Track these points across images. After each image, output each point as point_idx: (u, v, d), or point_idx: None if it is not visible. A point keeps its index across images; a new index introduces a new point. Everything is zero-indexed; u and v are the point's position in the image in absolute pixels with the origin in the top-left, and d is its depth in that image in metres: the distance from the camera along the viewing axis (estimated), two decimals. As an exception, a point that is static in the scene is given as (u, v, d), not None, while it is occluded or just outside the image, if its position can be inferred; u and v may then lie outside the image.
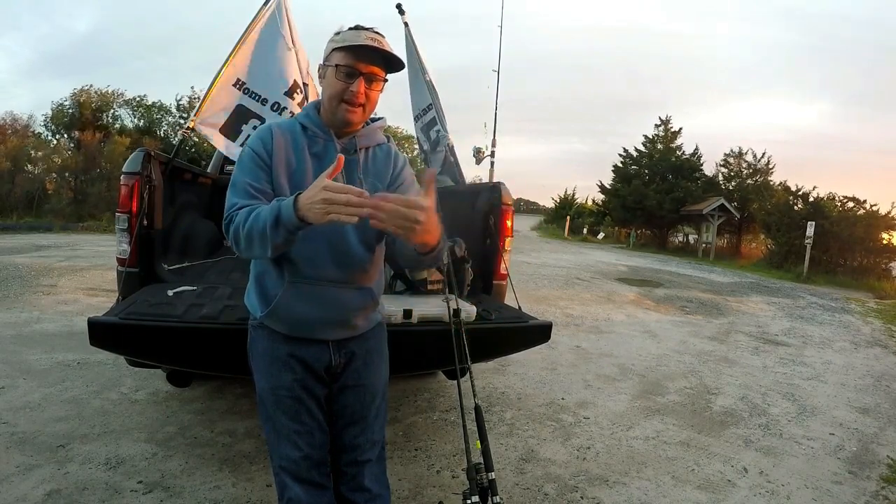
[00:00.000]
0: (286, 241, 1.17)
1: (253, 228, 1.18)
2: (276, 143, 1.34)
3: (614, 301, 7.73)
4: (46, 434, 2.57)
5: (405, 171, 1.47)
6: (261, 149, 1.34)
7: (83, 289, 6.29)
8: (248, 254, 1.26)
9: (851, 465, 2.87)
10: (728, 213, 19.92)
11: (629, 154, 25.07)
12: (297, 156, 1.35)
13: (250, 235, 1.19)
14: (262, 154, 1.33)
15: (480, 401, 1.95)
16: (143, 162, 2.45)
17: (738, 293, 9.67)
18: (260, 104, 3.17)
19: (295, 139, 1.37)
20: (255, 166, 1.33)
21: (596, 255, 16.34)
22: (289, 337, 1.37)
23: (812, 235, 13.15)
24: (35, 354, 3.77)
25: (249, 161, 1.34)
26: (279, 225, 1.13)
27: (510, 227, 2.86)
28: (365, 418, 1.46)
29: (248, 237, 1.20)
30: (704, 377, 4.32)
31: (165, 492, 2.16)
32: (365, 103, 1.34)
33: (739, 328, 6.46)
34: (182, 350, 2.05)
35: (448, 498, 2.24)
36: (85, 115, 21.56)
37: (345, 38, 1.32)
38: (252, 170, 1.33)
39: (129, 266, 2.43)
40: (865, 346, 6.00)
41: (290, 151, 1.35)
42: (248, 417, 2.88)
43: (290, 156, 1.35)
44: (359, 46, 1.29)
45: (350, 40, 1.30)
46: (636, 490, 2.45)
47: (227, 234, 1.28)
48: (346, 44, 1.30)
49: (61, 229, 14.96)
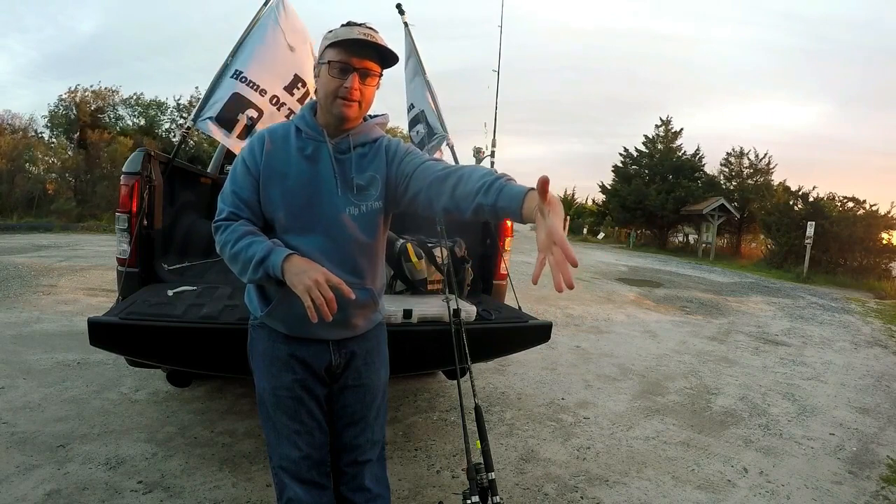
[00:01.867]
0: (262, 281, 1.30)
1: (240, 254, 1.27)
2: (266, 151, 1.35)
3: (614, 301, 7.73)
4: (46, 434, 2.57)
5: (399, 147, 1.41)
6: (251, 158, 1.36)
7: (83, 289, 6.29)
8: (229, 264, 1.33)
9: (851, 465, 2.87)
10: (728, 213, 19.94)
11: (629, 154, 25.09)
12: (289, 161, 1.35)
13: (236, 257, 1.28)
14: (251, 164, 1.36)
15: (480, 401, 1.95)
16: (143, 162, 2.45)
17: (738, 293, 9.67)
18: (258, 94, 3.12)
19: (287, 144, 1.36)
20: (244, 176, 1.36)
21: (596, 255, 16.34)
22: (289, 337, 1.37)
23: (812, 235, 13.16)
24: (35, 354, 3.77)
25: (240, 170, 1.37)
26: (260, 267, 1.24)
27: (510, 227, 2.86)
28: (365, 418, 1.46)
29: (234, 257, 1.29)
30: (704, 377, 4.32)
31: (165, 492, 2.16)
32: (360, 99, 1.33)
33: (739, 328, 6.46)
34: (182, 350, 2.05)
35: (448, 498, 2.24)
36: (84, 116, 21.54)
37: (337, 35, 1.30)
38: (241, 180, 1.36)
39: (129, 266, 2.43)
40: (865, 346, 6.00)
41: (280, 158, 1.35)
42: (248, 417, 2.88)
43: (281, 163, 1.35)
44: (351, 41, 1.28)
45: (343, 35, 1.29)
46: (636, 490, 2.45)
47: (215, 237, 1.34)
48: (338, 39, 1.29)
49: (61, 229, 14.96)
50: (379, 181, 1.38)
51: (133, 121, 24.02)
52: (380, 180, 1.38)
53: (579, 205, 34.97)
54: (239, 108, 3.06)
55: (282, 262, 1.21)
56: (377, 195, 1.37)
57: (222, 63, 3.12)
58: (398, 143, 1.43)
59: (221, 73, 3.09)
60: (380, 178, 1.38)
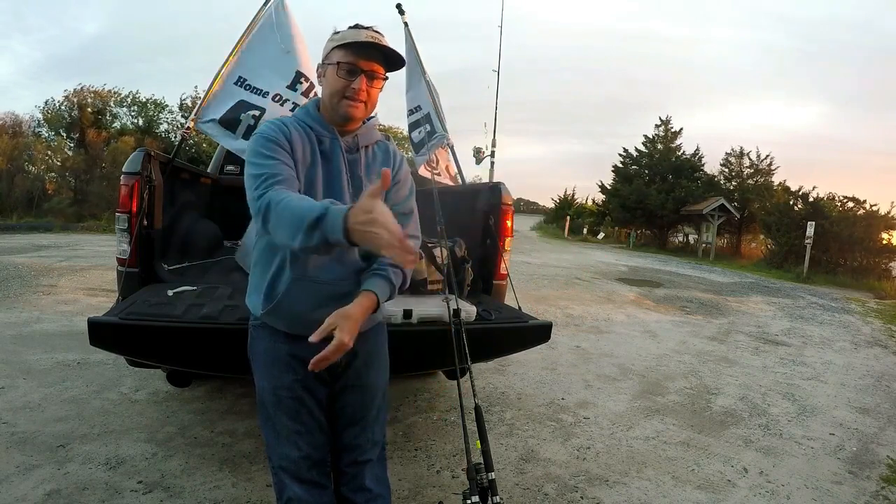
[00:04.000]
0: (316, 249, 1.06)
1: (288, 211, 1.08)
2: (293, 136, 1.31)
3: (614, 301, 7.73)
4: (46, 434, 2.57)
5: (402, 168, 1.47)
6: (280, 136, 1.28)
7: (83, 289, 6.29)
8: (275, 232, 1.13)
9: (851, 465, 2.87)
10: (728, 213, 19.93)
11: (629, 154, 25.08)
12: (311, 151, 1.35)
13: (281, 217, 1.10)
14: (281, 141, 1.28)
15: (480, 401, 1.95)
16: (143, 162, 2.45)
17: (737, 293, 9.67)
18: (261, 97, 3.16)
19: (305, 135, 1.35)
20: (274, 150, 1.26)
21: (596, 256, 16.34)
22: (290, 336, 1.37)
23: (812, 235, 13.15)
24: (35, 354, 3.77)
25: (270, 146, 1.26)
26: (317, 228, 1.02)
27: (510, 228, 2.86)
28: (365, 418, 1.46)
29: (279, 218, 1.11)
30: (704, 377, 4.32)
31: (165, 492, 2.16)
32: (366, 100, 1.34)
33: (739, 328, 6.46)
34: (182, 350, 2.05)
35: (448, 498, 2.24)
36: (85, 116, 21.54)
37: (345, 36, 1.32)
38: (273, 152, 1.25)
39: (129, 266, 2.43)
40: (865, 346, 6.00)
41: (305, 147, 1.33)
42: (248, 417, 2.88)
43: (306, 152, 1.33)
44: (360, 43, 1.30)
45: (350, 38, 1.31)
46: (636, 490, 2.45)
47: (257, 210, 1.16)
48: (346, 41, 1.31)
49: (61, 229, 14.96)
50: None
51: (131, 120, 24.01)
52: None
53: (579, 205, 34.96)
54: (242, 111, 3.11)
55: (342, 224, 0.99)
56: None
57: (222, 63, 3.13)
58: (403, 161, 1.48)
59: (223, 77, 3.10)
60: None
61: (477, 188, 3.45)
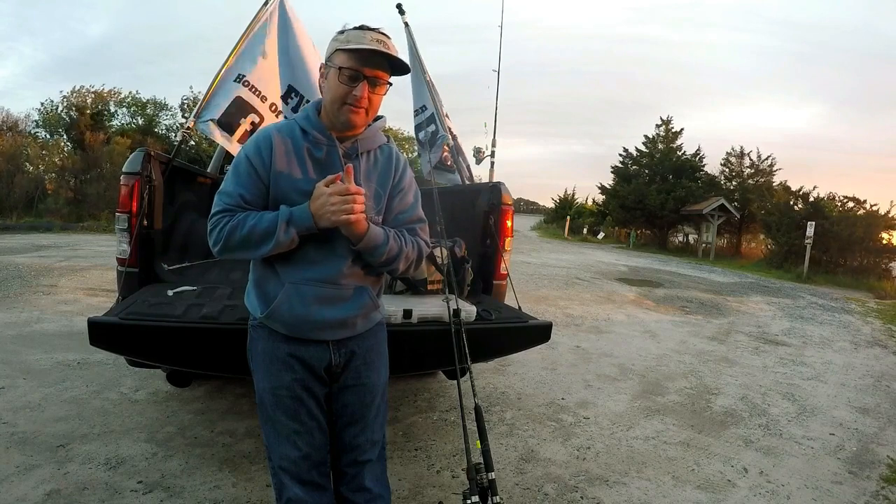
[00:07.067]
0: (289, 243, 1.27)
1: (256, 228, 1.26)
2: (276, 150, 1.32)
3: (614, 301, 7.73)
4: (46, 434, 2.57)
5: (406, 174, 1.46)
6: (258, 158, 1.32)
7: (83, 289, 6.29)
8: (234, 253, 1.31)
9: (851, 465, 2.87)
10: (728, 213, 19.91)
11: (629, 154, 25.05)
12: (300, 161, 1.33)
13: (250, 234, 1.27)
14: (257, 164, 1.31)
15: (480, 401, 1.95)
16: (143, 162, 2.45)
17: (738, 293, 9.66)
18: (260, 100, 3.17)
19: (296, 143, 1.34)
20: (249, 175, 1.32)
21: (596, 255, 16.33)
22: (289, 337, 1.37)
23: (812, 235, 13.15)
24: (35, 354, 3.77)
25: (245, 169, 1.33)
26: (290, 226, 1.25)
27: (510, 227, 2.86)
28: (365, 418, 1.46)
29: (247, 237, 1.27)
30: (704, 377, 4.32)
31: (165, 492, 2.16)
32: (367, 107, 1.32)
33: (739, 328, 6.46)
34: (182, 350, 2.05)
35: (448, 498, 2.24)
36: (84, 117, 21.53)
37: (349, 40, 1.28)
38: (246, 180, 1.32)
39: (128, 266, 2.43)
40: (865, 346, 6.00)
41: (291, 157, 1.33)
42: (248, 417, 2.88)
43: (293, 162, 1.33)
44: (364, 50, 1.27)
45: (354, 42, 1.27)
46: (636, 490, 2.45)
47: (212, 234, 1.32)
48: (350, 46, 1.27)
49: (61, 229, 14.95)
50: (382, 197, 1.40)
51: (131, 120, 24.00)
52: (383, 196, 1.40)
53: (579, 205, 34.92)
54: (241, 113, 3.12)
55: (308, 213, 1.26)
56: (378, 209, 1.40)
57: (221, 63, 3.13)
58: (406, 166, 1.47)
59: (223, 75, 3.11)
60: (383, 195, 1.40)
61: (477, 188, 3.46)
